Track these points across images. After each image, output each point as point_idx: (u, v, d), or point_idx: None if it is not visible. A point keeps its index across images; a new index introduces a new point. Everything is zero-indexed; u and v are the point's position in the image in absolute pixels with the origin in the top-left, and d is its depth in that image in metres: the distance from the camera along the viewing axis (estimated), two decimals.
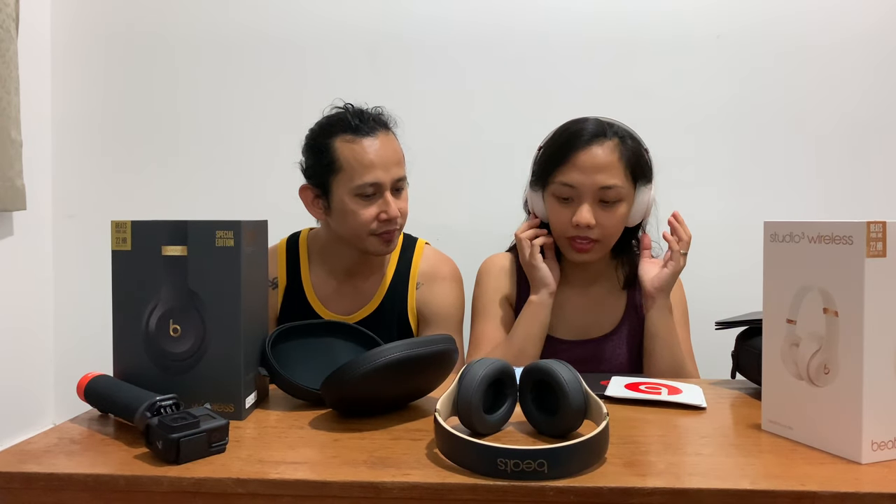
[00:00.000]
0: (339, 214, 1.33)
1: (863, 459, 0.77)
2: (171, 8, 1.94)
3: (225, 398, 0.93)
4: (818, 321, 0.81)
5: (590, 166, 1.27)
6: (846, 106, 1.85)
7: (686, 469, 0.75)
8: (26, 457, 0.80)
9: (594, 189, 1.27)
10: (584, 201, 1.28)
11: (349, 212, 1.31)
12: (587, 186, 1.27)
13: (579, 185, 1.28)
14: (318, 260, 1.45)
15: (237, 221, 0.92)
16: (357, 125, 1.31)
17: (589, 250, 1.31)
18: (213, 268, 0.92)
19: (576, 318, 1.40)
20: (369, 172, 1.29)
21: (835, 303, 0.79)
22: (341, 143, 1.31)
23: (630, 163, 1.30)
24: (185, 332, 0.94)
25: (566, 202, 1.30)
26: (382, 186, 1.31)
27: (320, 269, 1.44)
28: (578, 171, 1.28)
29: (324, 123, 1.36)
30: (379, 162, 1.30)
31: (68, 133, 1.96)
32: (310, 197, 1.37)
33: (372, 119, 1.34)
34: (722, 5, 1.86)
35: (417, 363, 0.92)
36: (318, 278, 1.44)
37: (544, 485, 0.71)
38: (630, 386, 1.06)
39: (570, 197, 1.29)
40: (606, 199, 1.28)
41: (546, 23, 1.88)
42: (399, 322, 1.44)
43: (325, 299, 1.43)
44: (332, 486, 0.73)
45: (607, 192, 1.28)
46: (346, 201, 1.30)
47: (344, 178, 1.30)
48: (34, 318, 1.92)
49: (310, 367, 1.06)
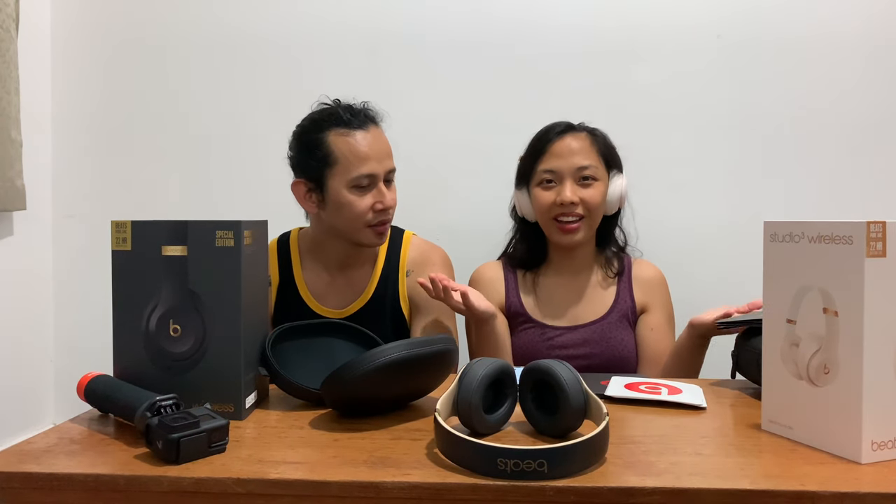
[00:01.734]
0: (335, 206, 1.34)
1: (863, 459, 0.77)
2: (171, 7, 1.94)
3: (225, 398, 0.93)
4: (818, 321, 0.81)
5: (566, 151, 1.41)
6: (846, 105, 1.84)
7: (686, 469, 0.75)
8: (26, 457, 0.80)
9: (572, 169, 1.40)
10: (566, 181, 1.40)
11: (345, 203, 1.33)
12: (566, 168, 1.40)
13: (559, 169, 1.40)
14: (310, 257, 1.46)
15: (237, 221, 0.92)
16: (349, 119, 1.34)
17: (576, 230, 1.40)
18: (214, 268, 0.92)
19: (567, 305, 1.47)
20: (365, 164, 1.32)
21: (835, 303, 0.79)
22: (335, 137, 1.33)
23: (601, 150, 1.44)
24: (185, 332, 0.94)
25: (549, 186, 1.42)
26: (377, 177, 1.34)
27: (312, 266, 1.46)
28: (556, 157, 1.41)
29: (314, 118, 1.38)
30: (373, 154, 1.33)
31: (68, 133, 1.96)
32: (302, 191, 1.38)
33: (362, 113, 1.37)
34: (722, 5, 1.86)
35: (418, 363, 0.92)
36: (310, 275, 1.45)
37: (544, 485, 0.71)
38: (630, 386, 1.06)
39: (552, 180, 1.41)
40: (585, 177, 1.40)
41: (546, 23, 1.88)
42: (392, 312, 1.44)
43: (318, 295, 1.44)
44: (332, 486, 0.73)
45: (584, 171, 1.40)
46: (342, 193, 1.33)
47: (340, 170, 1.32)
48: (34, 318, 1.92)
49: (309, 366, 1.06)
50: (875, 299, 0.76)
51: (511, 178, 1.51)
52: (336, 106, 1.38)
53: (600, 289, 1.48)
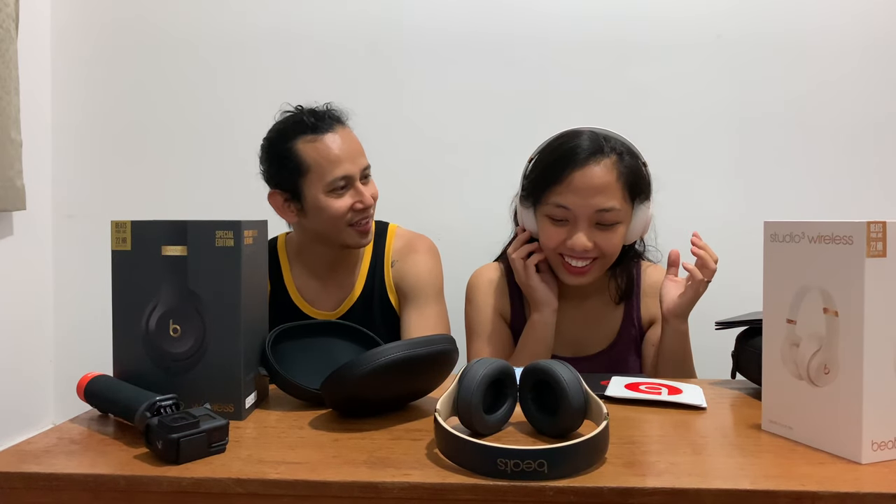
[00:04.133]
0: (314, 212, 1.34)
1: (863, 459, 0.77)
2: (171, 7, 1.94)
3: (225, 398, 0.93)
4: (818, 321, 0.81)
5: (586, 188, 1.19)
6: (846, 105, 1.84)
7: (686, 469, 0.75)
8: (26, 457, 0.80)
9: (591, 212, 1.21)
10: (580, 224, 1.21)
11: (324, 208, 1.32)
12: (583, 209, 1.20)
13: (575, 208, 1.21)
14: (298, 262, 1.47)
15: (237, 221, 0.92)
16: (314, 124, 1.33)
17: (585, 273, 1.25)
18: (213, 268, 0.92)
19: (571, 332, 1.35)
20: (338, 167, 1.31)
21: (835, 303, 0.79)
22: (303, 145, 1.32)
23: (628, 181, 1.22)
24: (185, 333, 0.94)
25: (560, 223, 1.23)
26: (352, 178, 1.34)
27: (301, 271, 1.46)
28: (574, 193, 1.20)
29: (280, 129, 1.37)
30: (345, 155, 1.32)
31: (68, 133, 1.96)
32: (279, 202, 1.38)
33: (326, 115, 1.35)
34: (722, 5, 1.86)
35: (418, 363, 0.92)
36: (300, 280, 1.46)
37: (544, 485, 0.71)
38: (630, 386, 1.06)
39: (565, 218, 1.23)
40: (604, 222, 1.22)
41: (546, 23, 1.88)
42: (381, 304, 1.45)
43: (310, 299, 1.45)
44: (332, 486, 0.73)
45: (605, 215, 1.21)
46: (319, 198, 1.32)
47: (314, 177, 1.32)
48: (34, 318, 1.92)
49: (309, 367, 1.06)
50: (875, 299, 0.76)
51: (511, 178, 1.50)
52: (299, 112, 1.36)
53: (608, 311, 1.36)
